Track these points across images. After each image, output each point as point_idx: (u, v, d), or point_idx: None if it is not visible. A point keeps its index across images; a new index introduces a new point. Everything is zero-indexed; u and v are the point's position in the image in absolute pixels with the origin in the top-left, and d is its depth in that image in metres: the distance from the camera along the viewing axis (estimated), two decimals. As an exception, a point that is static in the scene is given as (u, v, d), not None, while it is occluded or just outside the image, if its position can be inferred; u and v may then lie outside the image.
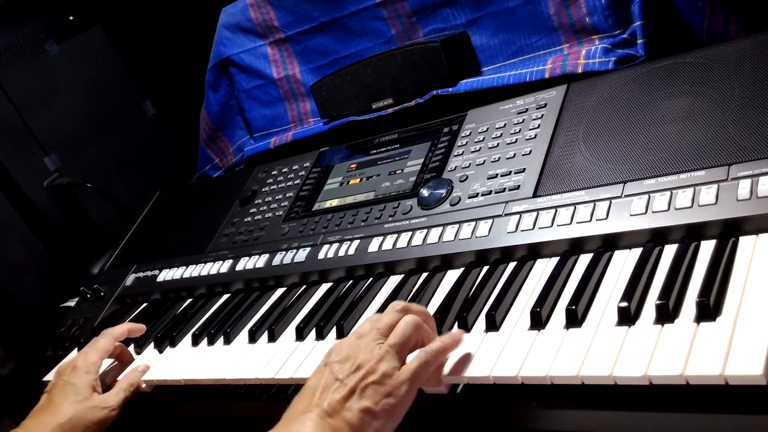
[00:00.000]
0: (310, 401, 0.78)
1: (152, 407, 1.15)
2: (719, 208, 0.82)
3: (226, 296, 1.31)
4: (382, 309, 1.00)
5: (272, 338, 1.08)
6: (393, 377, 0.78)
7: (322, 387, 0.79)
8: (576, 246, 0.93)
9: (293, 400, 0.81)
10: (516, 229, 0.98)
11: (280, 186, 1.43)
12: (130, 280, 1.50)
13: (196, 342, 1.18)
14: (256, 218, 1.39)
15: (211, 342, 1.16)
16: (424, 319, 0.86)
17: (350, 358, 0.80)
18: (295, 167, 1.45)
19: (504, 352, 0.81)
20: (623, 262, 0.87)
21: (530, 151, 1.08)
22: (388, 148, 1.31)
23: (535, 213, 0.98)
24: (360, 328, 0.86)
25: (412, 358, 0.81)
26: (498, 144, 1.13)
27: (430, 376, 0.82)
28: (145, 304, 1.44)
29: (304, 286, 1.19)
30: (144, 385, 1.13)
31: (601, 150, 1.00)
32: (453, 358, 0.84)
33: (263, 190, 1.46)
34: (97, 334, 1.36)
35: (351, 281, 1.13)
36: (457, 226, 1.05)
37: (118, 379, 1.17)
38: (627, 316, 0.76)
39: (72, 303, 1.60)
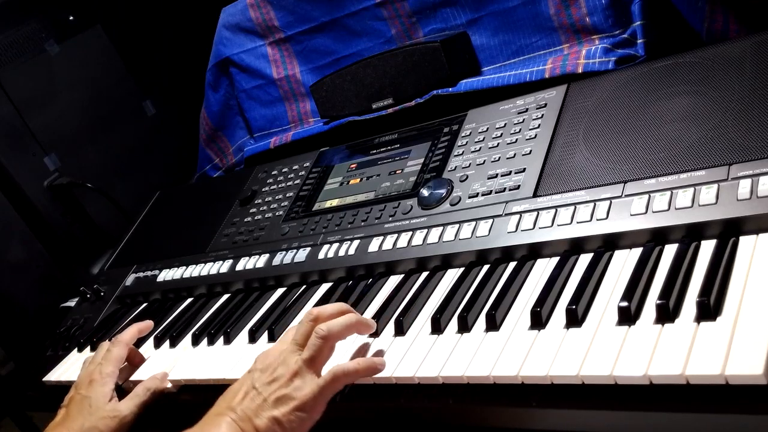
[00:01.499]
0: (228, 404, 0.86)
1: (151, 407, 1.15)
2: (719, 208, 0.82)
3: (226, 296, 1.31)
4: (382, 309, 1.00)
5: (272, 338, 1.08)
6: (303, 391, 0.84)
7: (242, 393, 0.86)
8: (576, 246, 0.93)
9: (217, 401, 0.89)
10: (516, 229, 0.98)
11: (280, 186, 1.43)
12: (130, 280, 1.50)
13: (196, 342, 1.18)
14: (256, 218, 1.39)
15: (211, 342, 1.16)
16: (333, 329, 0.90)
17: (270, 367, 0.88)
18: (295, 167, 1.45)
19: (504, 351, 0.81)
20: (623, 262, 0.87)
21: (530, 150, 1.08)
22: (388, 148, 1.31)
23: (535, 213, 0.98)
24: (284, 337, 0.93)
25: (324, 374, 0.86)
26: (498, 144, 1.13)
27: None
28: (145, 304, 1.44)
29: (304, 286, 1.19)
30: (170, 385, 1.12)
31: (602, 150, 1.00)
32: (453, 356, 0.84)
33: (263, 190, 1.46)
34: (98, 333, 1.37)
35: (351, 281, 1.13)
36: (457, 225, 1.05)
37: (131, 378, 1.17)
38: (627, 316, 0.76)
39: (72, 303, 1.60)
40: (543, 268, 0.94)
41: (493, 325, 0.86)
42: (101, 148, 1.87)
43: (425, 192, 1.14)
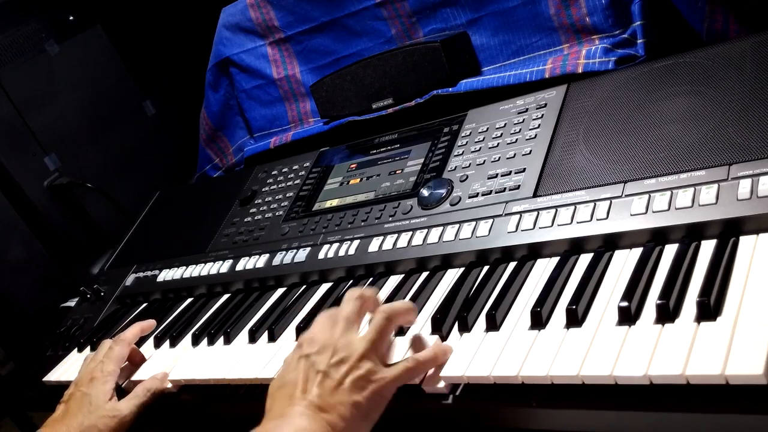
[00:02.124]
0: (292, 395, 0.77)
1: (151, 407, 1.15)
2: (719, 208, 0.82)
3: (226, 296, 1.31)
4: (382, 309, 1.00)
5: (272, 338, 1.08)
6: (379, 374, 0.78)
7: (303, 380, 0.78)
8: (576, 246, 0.93)
9: (271, 395, 0.80)
10: (516, 229, 0.98)
11: (280, 186, 1.43)
12: (130, 280, 1.50)
13: (196, 342, 1.18)
14: (256, 218, 1.39)
15: (211, 342, 1.16)
16: (396, 310, 0.86)
17: (327, 348, 0.80)
18: (295, 167, 1.45)
19: (504, 351, 0.81)
20: (623, 262, 0.87)
21: (530, 150, 1.08)
22: (388, 148, 1.31)
23: (535, 213, 0.98)
24: (324, 320, 0.85)
25: (401, 362, 0.81)
26: (498, 144, 1.13)
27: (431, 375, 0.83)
28: (145, 304, 1.44)
29: (304, 286, 1.19)
30: (170, 385, 1.12)
31: (602, 150, 1.00)
32: (453, 357, 0.84)
33: (263, 190, 1.46)
34: (98, 333, 1.37)
35: (351, 281, 1.13)
36: (457, 225, 1.05)
37: (131, 378, 1.17)
38: (627, 316, 0.76)
39: (72, 303, 1.60)
40: (543, 268, 0.94)
41: (493, 325, 0.86)
42: (101, 148, 1.87)
43: (425, 192, 1.14)
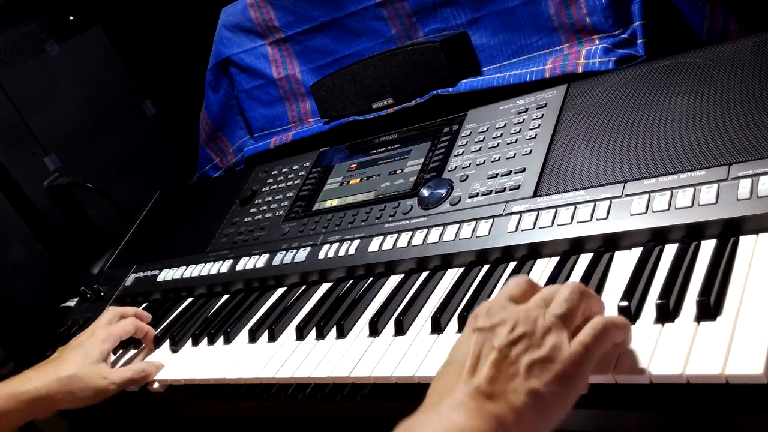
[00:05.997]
0: (459, 375, 0.64)
1: (152, 407, 1.15)
2: (719, 208, 0.82)
3: (226, 296, 1.31)
4: (381, 309, 1.00)
5: (272, 338, 1.08)
6: (563, 353, 0.63)
7: (474, 356, 0.64)
8: (576, 246, 0.93)
9: (437, 374, 0.68)
10: (516, 229, 0.98)
11: (280, 186, 1.43)
12: (130, 280, 1.50)
13: (196, 342, 1.18)
14: (256, 218, 1.39)
15: (211, 342, 1.16)
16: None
17: (507, 322, 0.65)
18: (295, 167, 1.45)
19: (504, 351, 0.81)
20: (623, 262, 0.87)
21: (530, 150, 1.08)
22: (388, 148, 1.31)
23: (535, 213, 0.98)
24: (511, 289, 0.71)
25: (584, 329, 0.66)
26: (498, 144, 1.13)
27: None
28: (145, 304, 1.44)
29: (304, 286, 1.19)
30: (157, 385, 1.13)
31: (602, 150, 1.00)
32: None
33: (263, 190, 1.46)
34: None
35: (351, 281, 1.13)
36: (457, 225, 1.05)
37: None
38: (627, 316, 0.76)
39: (72, 303, 1.60)
40: (543, 268, 0.94)
41: (493, 324, 0.86)
42: (101, 148, 1.87)
43: (425, 192, 1.14)
